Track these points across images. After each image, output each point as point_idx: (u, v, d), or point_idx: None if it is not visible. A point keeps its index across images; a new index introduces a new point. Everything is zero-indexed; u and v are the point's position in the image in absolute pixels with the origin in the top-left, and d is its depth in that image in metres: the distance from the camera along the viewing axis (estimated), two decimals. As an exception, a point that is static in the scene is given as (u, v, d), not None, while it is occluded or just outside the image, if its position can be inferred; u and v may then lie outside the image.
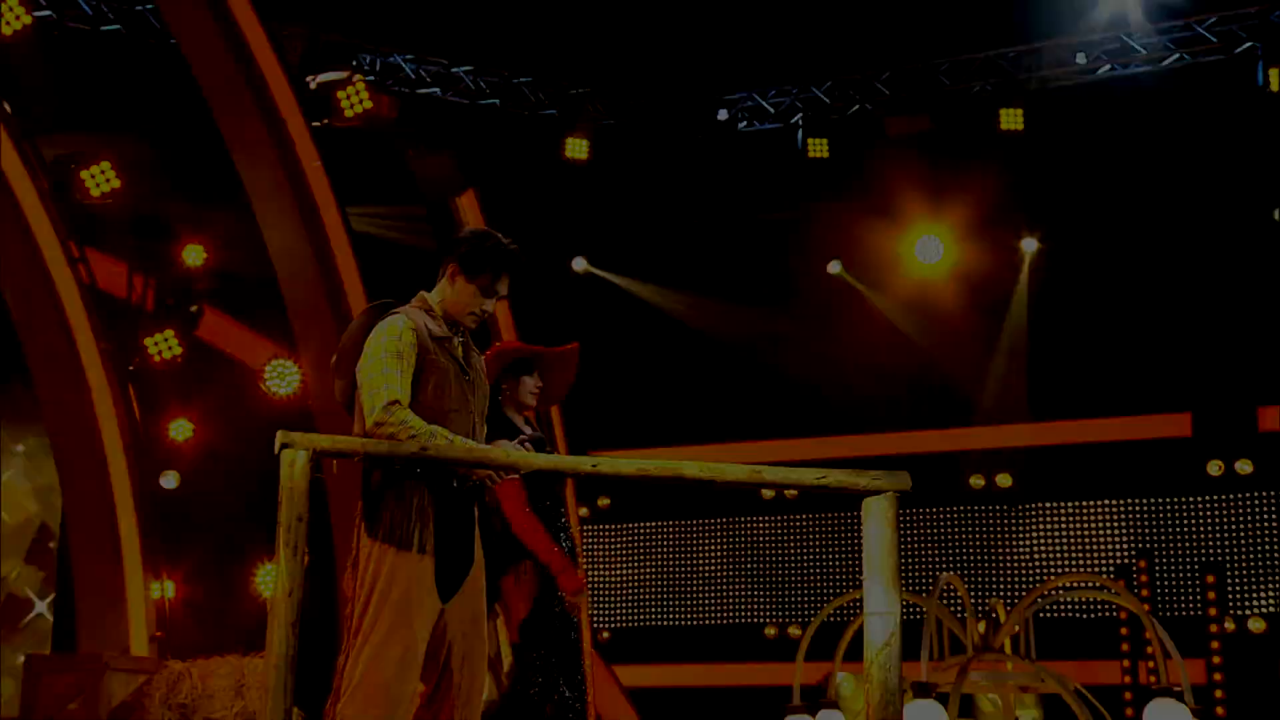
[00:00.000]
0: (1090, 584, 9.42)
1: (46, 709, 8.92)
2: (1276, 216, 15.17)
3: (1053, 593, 9.21)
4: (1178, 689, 8.32)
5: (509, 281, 5.02)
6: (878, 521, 2.91)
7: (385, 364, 4.72)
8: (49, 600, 15.10)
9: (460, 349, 5.00)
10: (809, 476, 3.61)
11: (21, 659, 11.78)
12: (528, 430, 6.43)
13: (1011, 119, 15.22)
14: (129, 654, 11.35)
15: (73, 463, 11.94)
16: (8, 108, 11.56)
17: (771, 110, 16.92)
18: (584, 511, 16.53)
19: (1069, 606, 14.81)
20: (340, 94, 12.73)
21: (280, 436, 3.75)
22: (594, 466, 4.06)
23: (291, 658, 3.48)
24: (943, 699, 8.33)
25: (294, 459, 3.59)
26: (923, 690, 8.34)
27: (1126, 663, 13.98)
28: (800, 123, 16.60)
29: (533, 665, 6.39)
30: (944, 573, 9.03)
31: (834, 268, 16.73)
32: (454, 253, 5.00)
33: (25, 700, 9.13)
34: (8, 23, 11.43)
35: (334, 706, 4.63)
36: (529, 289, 15.21)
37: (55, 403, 12.01)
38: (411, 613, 4.65)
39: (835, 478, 3.40)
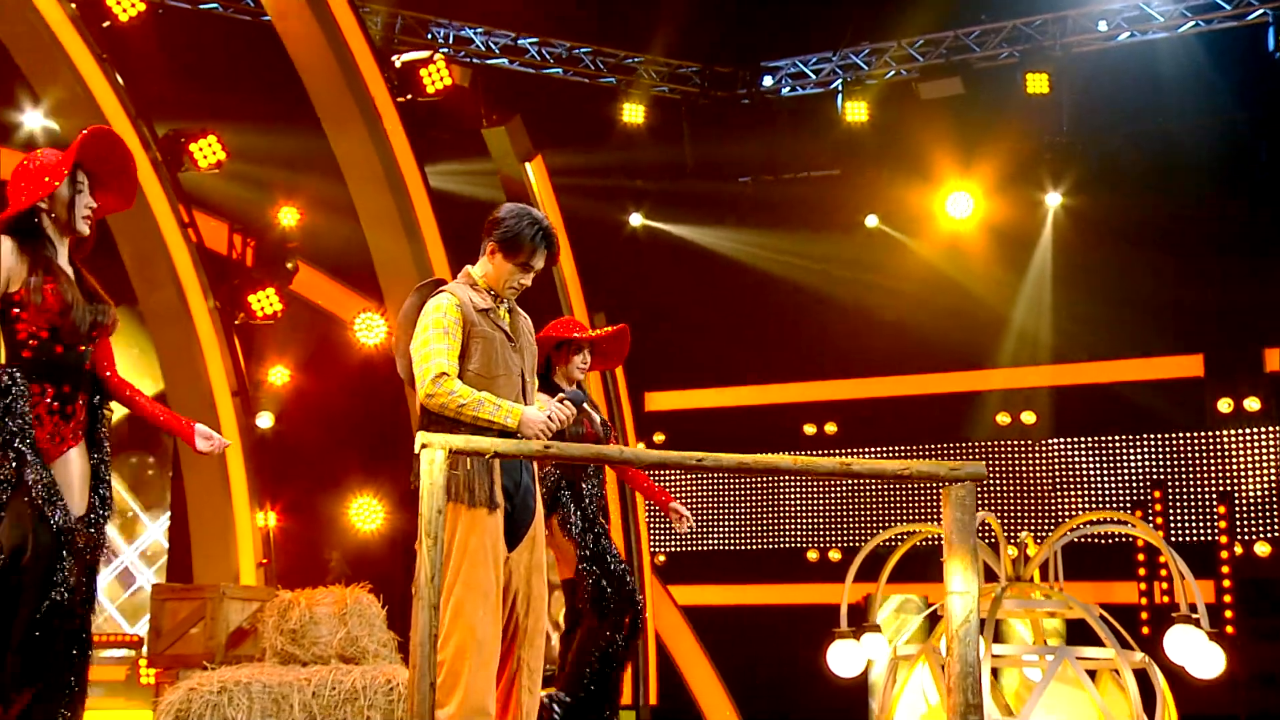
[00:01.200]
0: (1113, 519, 9.48)
1: (172, 632, 9.09)
2: (1285, 173, 15.13)
3: (1078, 528, 9.28)
4: (1195, 615, 8.43)
5: (546, 256, 4.99)
6: (956, 507, 2.95)
7: (433, 339, 4.74)
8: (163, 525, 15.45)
9: (506, 316, 4.99)
10: (893, 467, 3.62)
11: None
12: (568, 388, 6.37)
13: (1037, 83, 15.11)
14: (239, 580, 11.61)
15: (186, 408, 12.09)
16: (123, 85, 11.67)
17: (813, 76, 16.88)
18: (641, 447, 16.67)
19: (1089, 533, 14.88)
20: (423, 71, 12.77)
21: (420, 438, 3.76)
22: (699, 461, 3.76)
23: (434, 635, 3.54)
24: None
25: (433, 457, 3.58)
26: (965, 617, 8.47)
27: (1143, 585, 14.06)
28: (839, 88, 16.54)
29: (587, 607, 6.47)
30: (979, 511, 9.09)
31: (871, 221, 16.73)
32: (492, 233, 4.97)
33: (153, 623, 9.30)
34: (124, 9, 11.53)
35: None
36: (590, 242, 15.35)
37: (170, 354, 12.16)
38: (487, 562, 4.69)
39: (917, 468, 3.41)
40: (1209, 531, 14.70)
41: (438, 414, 4.75)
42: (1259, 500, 14.97)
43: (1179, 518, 15.04)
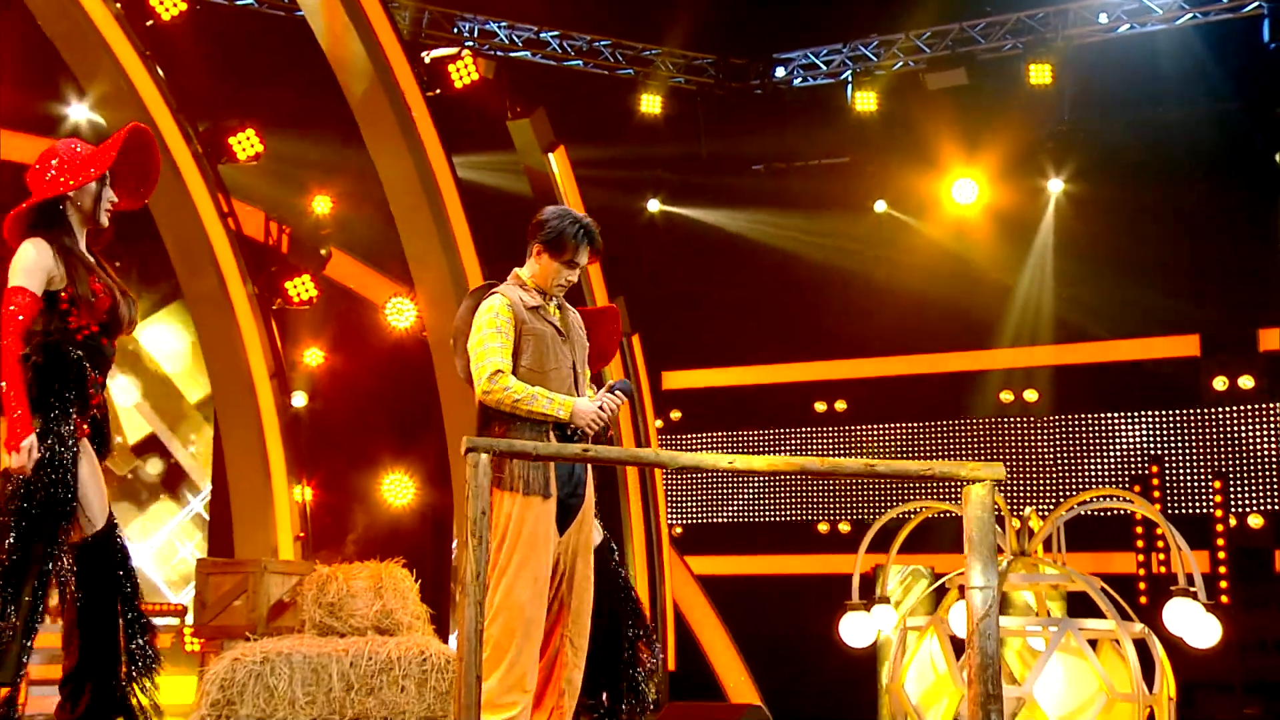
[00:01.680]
0: (1114, 495, 9.50)
1: (216, 605, 9.15)
2: (1278, 159, 15.04)
3: (1081, 504, 9.31)
4: (1193, 589, 8.45)
5: (589, 251, 5.05)
6: (976, 506, 2.96)
7: (487, 338, 4.81)
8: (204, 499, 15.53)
9: (555, 312, 5.05)
10: (915, 468, 3.60)
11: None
12: None
13: (1040, 74, 15.07)
14: (277, 552, 11.68)
15: (226, 388, 12.16)
16: (164, 78, 11.70)
17: (823, 67, 16.84)
18: (659, 424, 16.72)
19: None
20: (451, 67, 12.77)
21: (465, 441, 3.76)
22: (730, 464, 3.72)
23: (479, 631, 3.54)
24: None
25: (478, 461, 3.57)
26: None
27: (1141, 556, 14.09)
28: (849, 79, 16.48)
29: None
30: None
31: (879, 207, 16.72)
32: (537, 235, 5.04)
33: (198, 596, 9.37)
34: (166, 9, 11.56)
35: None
36: (610, 228, 15.31)
37: (211, 338, 12.22)
38: (539, 547, 4.75)
39: (939, 469, 3.40)
40: (1205, 504, 14.70)
41: (495, 409, 4.82)
42: (1253, 474, 14.99)
43: (1176, 491, 15.05)
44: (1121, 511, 14.21)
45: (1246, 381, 15.03)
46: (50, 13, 11.26)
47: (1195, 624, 8.33)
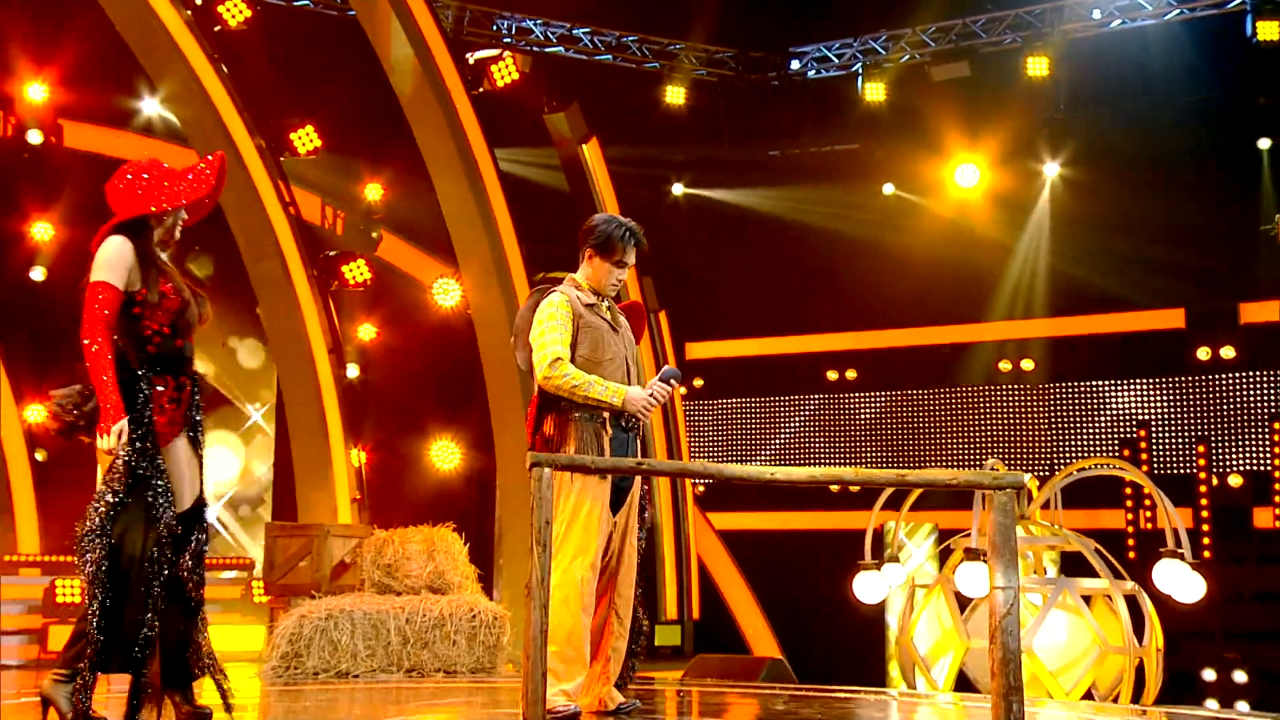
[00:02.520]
0: (1107, 464, 9.51)
1: (283, 565, 9.22)
2: (1259, 145, 14.95)
3: (1078, 473, 9.31)
4: (1180, 550, 8.45)
5: (635, 251, 5.07)
6: (999, 513, 2.96)
7: (548, 330, 4.84)
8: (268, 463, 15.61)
9: (607, 311, 5.09)
10: (943, 477, 3.57)
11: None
12: None
13: (1037, 66, 14.95)
14: (337, 512, 11.76)
15: (288, 363, 12.22)
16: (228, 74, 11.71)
17: (835, 60, 16.73)
18: (683, 390, 16.74)
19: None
20: (493, 67, 12.74)
21: (530, 457, 3.79)
22: (772, 475, 3.72)
23: (544, 631, 3.53)
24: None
25: (541, 475, 3.63)
26: (973, 555, 8.51)
27: (1130, 515, 14.08)
28: (859, 71, 16.39)
29: None
30: (990, 458, 9.13)
31: (888, 190, 16.66)
32: (588, 241, 5.06)
33: (267, 557, 9.43)
34: (232, 15, 11.56)
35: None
36: (637, 211, 15.31)
37: (274, 316, 12.28)
38: (596, 527, 4.79)
39: (964, 478, 3.38)
40: (1189, 465, 14.68)
41: (552, 399, 4.86)
42: (1233, 437, 14.95)
43: (1162, 453, 15.03)
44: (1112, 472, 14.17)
45: (1228, 352, 14.99)
46: (126, 17, 11.29)
47: (1182, 582, 8.34)
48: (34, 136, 13.34)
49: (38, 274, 13.92)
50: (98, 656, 4.21)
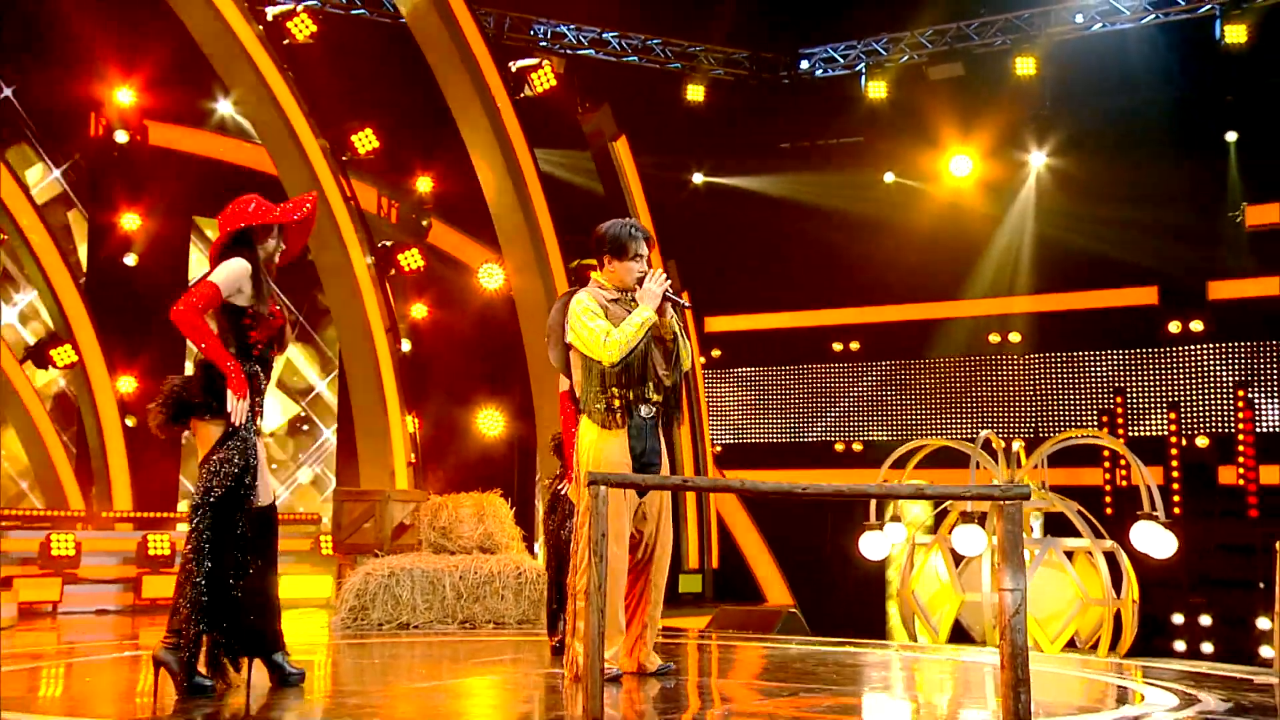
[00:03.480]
0: (1089, 436, 9.53)
1: (349, 526, 9.30)
2: (1227, 139, 14.82)
3: (1061, 443, 9.31)
4: (1154, 514, 8.46)
5: (646, 243, 4.95)
6: (1008, 523, 2.97)
7: (587, 320, 4.78)
8: (333, 430, 15.71)
9: (631, 304, 4.96)
10: (958, 492, 3.55)
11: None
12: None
13: (1025, 66, 14.88)
14: (394, 475, 11.82)
15: (351, 341, 12.28)
16: (295, 82, 11.70)
17: (841, 61, 16.64)
18: (701, 360, 16.76)
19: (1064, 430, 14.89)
20: (533, 75, 12.69)
21: (586, 476, 3.78)
22: (804, 489, 3.66)
23: (603, 633, 3.50)
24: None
25: (598, 492, 3.60)
26: (968, 518, 8.53)
27: (1108, 475, 14.06)
28: (863, 70, 16.30)
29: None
30: (984, 431, 9.18)
31: (889, 178, 16.58)
32: (602, 249, 4.95)
33: (335, 519, 9.51)
34: (300, 30, 11.54)
35: (570, 578, 4.85)
36: (661, 198, 15.32)
37: (337, 299, 12.33)
38: (621, 509, 4.72)
39: (976, 491, 3.38)
40: (1160, 428, 14.63)
41: (623, 369, 4.76)
42: (1201, 403, 14.90)
43: (1136, 418, 14.99)
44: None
45: (1197, 326, 14.93)
46: (203, 28, 11.28)
47: (1156, 540, 8.36)
48: (121, 136, 13.39)
49: (130, 260, 14.04)
50: (199, 622, 4.27)
